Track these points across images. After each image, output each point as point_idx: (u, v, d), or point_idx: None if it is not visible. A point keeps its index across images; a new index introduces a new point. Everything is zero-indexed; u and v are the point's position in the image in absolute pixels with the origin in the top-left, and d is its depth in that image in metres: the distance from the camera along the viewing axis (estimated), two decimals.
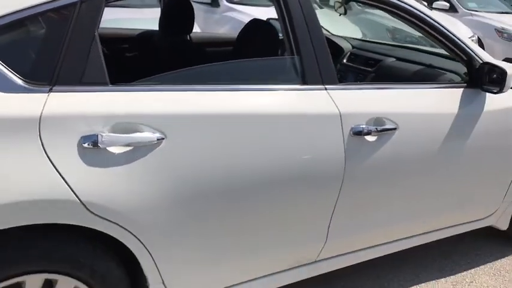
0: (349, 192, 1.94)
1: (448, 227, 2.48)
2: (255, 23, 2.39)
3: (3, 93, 1.35)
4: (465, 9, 8.27)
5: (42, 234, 1.43)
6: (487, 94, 2.32)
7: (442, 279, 2.49)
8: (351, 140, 1.89)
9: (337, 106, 1.86)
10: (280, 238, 1.86)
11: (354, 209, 1.99)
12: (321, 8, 4.50)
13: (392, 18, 2.28)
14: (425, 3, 8.01)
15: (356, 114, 1.91)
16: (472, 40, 6.82)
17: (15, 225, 1.33)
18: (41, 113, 1.36)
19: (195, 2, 6.02)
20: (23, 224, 1.34)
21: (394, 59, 2.88)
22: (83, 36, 1.46)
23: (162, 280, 1.64)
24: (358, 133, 1.90)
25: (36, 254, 1.41)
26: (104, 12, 1.51)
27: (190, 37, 2.88)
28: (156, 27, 2.78)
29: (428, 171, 2.16)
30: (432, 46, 2.92)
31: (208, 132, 1.59)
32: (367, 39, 3.36)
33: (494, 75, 2.19)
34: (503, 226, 2.71)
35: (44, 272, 1.44)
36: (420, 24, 2.20)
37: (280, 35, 2.07)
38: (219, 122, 1.62)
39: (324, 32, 3.26)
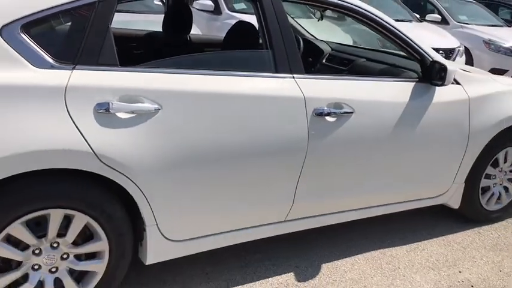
0: (311, 163, 2.36)
1: (405, 201, 2.90)
2: (240, 24, 2.84)
3: (39, 68, 1.80)
4: (456, 21, 8.70)
5: (64, 179, 1.86)
6: (437, 88, 2.75)
7: (400, 246, 2.89)
8: (313, 119, 2.32)
9: (302, 91, 2.30)
10: (255, 197, 2.28)
11: (316, 178, 2.42)
12: (320, 20, 4.96)
13: None
14: (418, 16, 8.48)
15: (318, 98, 2.34)
16: (459, 50, 7.26)
17: (44, 168, 1.76)
18: (67, 84, 1.81)
19: (199, 10, 6.53)
20: (49, 167, 1.78)
21: (365, 60, 3.32)
22: (100, 28, 1.91)
23: (156, 222, 2.07)
24: (320, 114, 2.33)
25: (60, 193, 1.84)
26: (119, 16, 1.96)
27: (189, 37, 3.32)
28: (159, 28, 3.25)
29: (382, 151, 2.58)
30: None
31: (194, 106, 2.03)
32: (346, 43, 3.78)
33: (438, 71, 2.62)
34: (455, 205, 3.12)
35: (64, 208, 1.87)
36: (382, 30, 2.65)
37: (257, 34, 2.51)
38: (203, 98, 2.05)
39: (309, 36, 3.71)
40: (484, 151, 3.03)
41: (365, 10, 2.60)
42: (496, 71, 7.98)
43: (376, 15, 2.63)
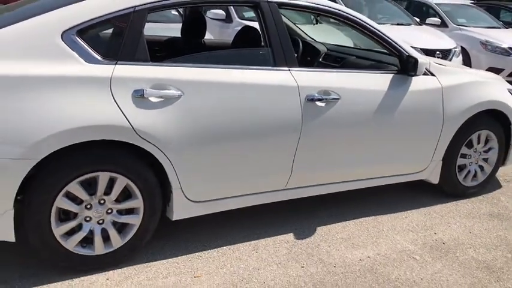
0: (305, 140, 2.88)
1: (390, 176, 3.39)
2: (246, 28, 3.39)
3: (90, 64, 2.35)
4: (455, 24, 9.17)
5: (110, 148, 2.41)
6: (413, 78, 3.26)
7: (385, 215, 3.39)
8: (305, 104, 2.84)
9: (296, 81, 2.83)
10: (260, 167, 2.81)
11: (309, 152, 2.93)
12: (315, 24, 5.49)
13: None
14: (418, 19, 8.97)
15: (310, 86, 2.87)
16: (455, 51, 7.73)
17: (96, 139, 2.31)
18: (111, 74, 2.36)
19: (212, 19, 7.11)
20: (99, 139, 2.32)
21: (355, 57, 3.84)
22: (135, 32, 2.46)
23: (180, 186, 2.61)
24: (311, 99, 2.86)
25: (107, 159, 2.39)
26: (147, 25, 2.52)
27: (203, 41, 3.88)
28: (178, 34, 3.81)
29: (365, 131, 3.09)
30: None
31: (209, 92, 2.57)
32: (341, 44, 4.30)
33: (411, 64, 3.13)
34: (434, 181, 3.60)
35: (110, 171, 2.42)
36: (366, 31, 3.17)
37: (259, 35, 3.04)
38: (216, 86, 2.59)
39: (308, 38, 4.24)
40: (458, 133, 3.51)
41: (351, 15, 3.13)
42: (492, 70, 8.43)
43: (360, 19, 3.16)
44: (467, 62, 8.62)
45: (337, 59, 3.95)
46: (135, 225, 2.58)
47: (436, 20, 9.22)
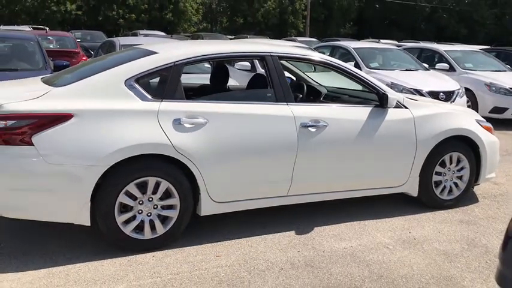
0: (301, 157, 3.80)
1: (374, 188, 4.24)
2: (257, 75, 4.43)
3: (143, 101, 3.40)
4: (462, 69, 10.03)
5: (157, 160, 3.41)
6: (389, 110, 4.17)
7: (372, 220, 4.21)
8: (300, 129, 3.79)
9: (292, 112, 3.79)
10: (267, 177, 3.73)
11: (304, 167, 3.84)
12: (314, 71, 6.49)
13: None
14: (427, 65, 9.89)
15: (303, 116, 3.82)
16: (459, 91, 8.57)
17: (146, 153, 3.32)
18: (158, 108, 3.40)
19: (239, 69, 8.25)
20: (149, 153, 3.33)
21: (347, 96, 4.79)
22: (175, 79, 3.51)
23: (206, 189, 3.56)
24: (305, 126, 3.81)
25: (154, 168, 3.39)
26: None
27: (228, 86, 4.92)
28: (207, 82, 4.88)
29: (350, 150, 3.99)
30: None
31: (228, 120, 3.56)
32: (338, 86, 5.26)
33: (383, 99, 4.06)
34: (414, 193, 4.42)
35: (156, 177, 3.40)
36: (349, 75, 4.14)
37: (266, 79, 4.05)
38: (233, 116, 3.58)
39: (313, 82, 5.23)
40: (431, 154, 4.35)
41: (335, 63, 4.12)
42: (497, 109, 9.22)
43: (344, 66, 4.14)
44: (473, 102, 9.41)
45: (333, 98, 4.91)
46: (173, 218, 3.53)
47: (444, 65, 10.11)
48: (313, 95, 5.05)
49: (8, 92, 3.47)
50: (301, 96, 4.65)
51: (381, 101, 4.14)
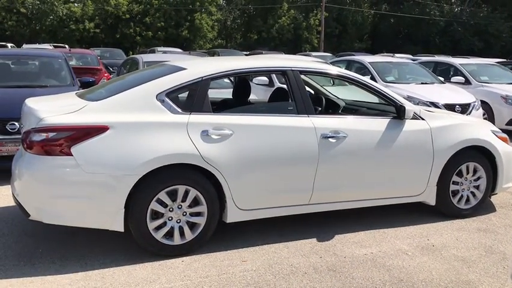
0: (322, 167, 3.97)
1: (392, 197, 4.39)
2: (278, 88, 4.63)
3: (174, 114, 3.61)
4: (477, 81, 10.13)
5: (186, 169, 3.60)
6: (406, 121, 4.33)
7: (390, 228, 4.34)
8: (321, 140, 3.97)
9: (313, 123, 3.98)
10: (289, 186, 3.91)
11: (325, 177, 4.01)
12: (332, 85, 6.68)
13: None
14: (442, 79, 10.01)
15: (324, 127, 4.00)
16: (475, 104, 8.67)
17: (176, 162, 3.52)
18: (187, 121, 3.60)
19: (257, 84, 8.48)
20: (179, 162, 3.53)
21: (365, 108, 4.96)
22: (203, 93, 3.73)
23: (232, 197, 3.74)
24: (325, 137, 3.98)
25: (184, 177, 3.59)
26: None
27: (249, 100, 5.13)
28: (230, 96, 5.10)
29: (369, 161, 4.15)
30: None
31: (252, 132, 3.75)
32: (356, 99, 5.44)
33: (400, 111, 4.22)
34: (432, 202, 4.55)
35: (185, 185, 3.60)
36: (367, 88, 4.32)
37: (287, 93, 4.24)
38: (257, 128, 3.77)
39: (331, 96, 5.40)
40: (448, 164, 4.48)
41: (357, 78, 4.31)
42: None
43: (362, 80, 4.32)
44: (490, 114, 9.50)
45: (352, 110, 5.08)
46: (201, 224, 3.71)
47: (460, 78, 10.22)
48: (331, 107, 5.23)
49: (47, 106, 3.72)
50: (320, 108, 4.83)
51: (398, 113, 4.30)
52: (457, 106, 8.45)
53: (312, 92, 5.57)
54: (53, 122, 3.39)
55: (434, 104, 8.33)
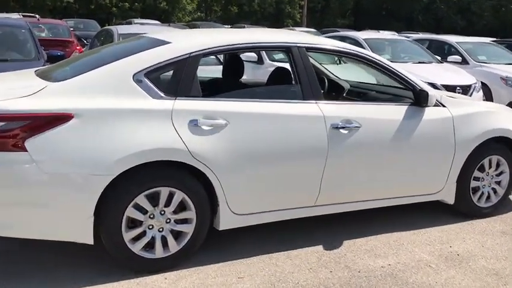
0: (331, 163, 3.35)
1: (408, 196, 3.80)
2: (278, 68, 3.95)
3: (154, 99, 2.92)
4: (475, 61, 9.60)
5: (170, 168, 2.94)
6: (426, 108, 3.72)
7: (406, 231, 3.78)
8: (331, 131, 3.33)
9: (322, 111, 3.33)
10: (293, 185, 3.28)
11: (335, 174, 3.39)
12: (339, 64, 6.05)
13: None
14: (439, 58, 9.45)
15: (334, 116, 3.36)
16: (475, 86, 8.13)
17: (160, 159, 2.85)
18: (172, 107, 2.92)
19: (245, 61, 7.75)
20: (163, 159, 2.86)
21: (375, 92, 4.33)
22: (191, 73, 3.03)
23: (226, 200, 3.10)
24: (336, 127, 3.35)
25: (168, 177, 2.92)
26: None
27: (242, 81, 4.44)
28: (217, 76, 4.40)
29: (384, 155, 3.54)
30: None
31: (251, 121, 3.09)
32: (362, 81, 4.80)
33: (422, 96, 3.60)
34: (450, 201, 3.99)
35: (169, 187, 2.94)
36: (383, 69, 3.68)
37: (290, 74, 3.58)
38: (257, 116, 3.11)
39: (333, 76, 4.76)
40: (470, 158, 3.91)
41: (369, 56, 3.66)
42: None
43: (377, 59, 3.67)
44: (488, 96, 8.98)
45: (359, 94, 4.44)
46: (188, 233, 3.07)
47: (457, 57, 9.67)
48: (335, 90, 4.59)
49: None
50: (322, 92, 4.18)
51: (418, 99, 3.68)
52: (458, 88, 7.90)
53: None
54: (1, 109, 2.67)
55: (433, 86, 7.76)
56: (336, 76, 4.93)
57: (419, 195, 3.86)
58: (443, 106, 3.83)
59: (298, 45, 3.43)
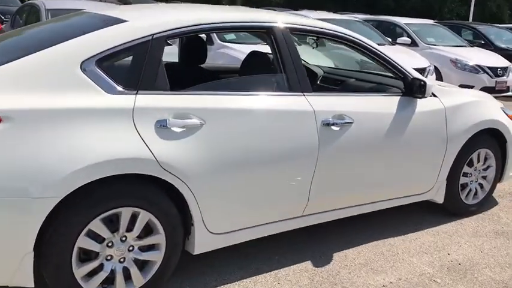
0: (322, 165, 2.84)
1: (398, 197, 3.39)
2: (254, 53, 3.36)
3: (109, 94, 2.24)
4: (424, 43, 9.46)
5: (133, 182, 2.29)
6: (418, 100, 3.29)
7: (396, 237, 3.37)
8: (321, 128, 2.81)
9: (311, 105, 2.80)
10: (278, 195, 2.74)
11: (325, 178, 2.89)
12: (299, 45, 5.51)
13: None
14: (390, 39, 9.20)
15: (325, 111, 2.84)
16: (430, 69, 7.95)
17: (119, 173, 2.19)
18: (133, 105, 2.26)
19: None
20: (123, 173, 2.21)
21: (354, 79, 3.86)
22: (155, 60, 2.38)
23: (202, 218, 2.50)
24: (327, 124, 2.83)
25: (130, 194, 2.27)
26: None
27: (205, 66, 3.80)
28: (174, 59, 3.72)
29: (376, 154, 3.08)
30: (380, 70, 3.85)
31: (231, 120, 2.50)
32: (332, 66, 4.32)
33: (418, 86, 3.16)
34: (440, 200, 3.62)
35: (132, 206, 2.30)
36: (371, 54, 3.19)
37: (271, 60, 3.00)
38: (235, 114, 2.52)
39: (303, 62, 4.23)
40: (460, 152, 3.56)
41: (359, 40, 3.16)
42: (463, 87, 8.67)
43: (367, 44, 3.18)
44: (438, 79, 8.87)
45: (335, 81, 3.95)
46: (157, 262, 2.45)
47: (406, 39, 9.49)
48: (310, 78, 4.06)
49: None
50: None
51: (411, 89, 3.24)
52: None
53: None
54: None
55: None
56: (305, 61, 4.41)
57: (409, 196, 3.46)
58: (435, 96, 3.43)
59: (280, 25, 2.86)
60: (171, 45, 5.38)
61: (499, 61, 9.00)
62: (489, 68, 8.74)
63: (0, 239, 2.04)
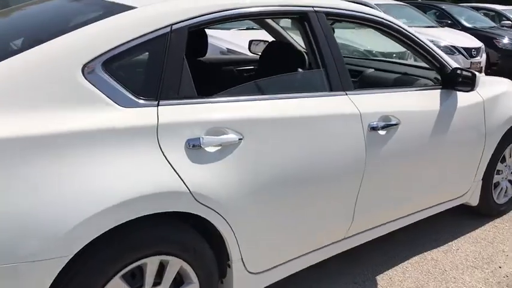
0: (370, 177, 2.37)
1: (439, 203, 2.98)
2: (275, 43, 2.81)
3: (122, 108, 1.66)
4: None
5: (160, 223, 1.73)
6: (457, 93, 2.87)
7: (435, 249, 2.98)
8: (368, 134, 2.33)
9: (357, 107, 2.31)
10: (324, 216, 2.24)
11: (374, 190, 2.43)
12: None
13: (362, 40, 2.77)
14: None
15: (371, 113, 2.36)
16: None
17: (143, 214, 1.63)
18: (157, 120, 1.69)
19: None
20: (149, 213, 1.64)
21: (373, 70, 3.40)
22: (177, 58, 1.80)
23: (241, 257, 1.98)
24: (374, 128, 2.35)
25: (157, 239, 1.71)
26: None
27: (203, 60, 3.21)
28: None
29: (423, 158, 2.65)
30: (400, 58, 3.43)
31: (273, 133, 1.97)
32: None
33: (464, 78, 2.73)
34: (474, 202, 3.26)
35: (160, 254, 1.74)
36: (404, 39, 2.72)
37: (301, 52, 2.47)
38: (276, 124, 1.99)
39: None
40: (497, 148, 3.20)
41: (395, 24, 2.68)
42: None
43: (404, 29, 2.71)
44: None
45: (351, 72, 3.46)
46: None
47: None
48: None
49: None
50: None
51: (452, 81, 2.81)
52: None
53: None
54: None
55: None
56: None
57: (448, 201, 3.07)
58: None
59: (316, 9, 2.33)
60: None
61: (472, 42, 8.82)
62: (464, 48, 8.55)
63: None
